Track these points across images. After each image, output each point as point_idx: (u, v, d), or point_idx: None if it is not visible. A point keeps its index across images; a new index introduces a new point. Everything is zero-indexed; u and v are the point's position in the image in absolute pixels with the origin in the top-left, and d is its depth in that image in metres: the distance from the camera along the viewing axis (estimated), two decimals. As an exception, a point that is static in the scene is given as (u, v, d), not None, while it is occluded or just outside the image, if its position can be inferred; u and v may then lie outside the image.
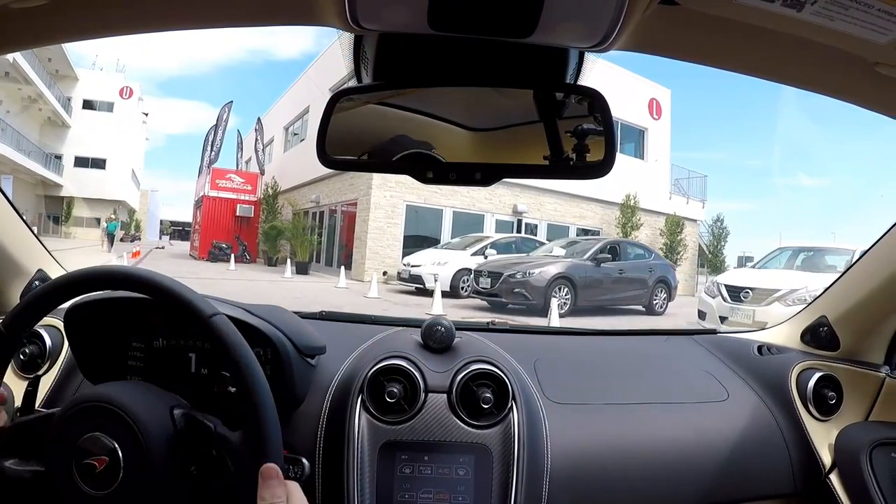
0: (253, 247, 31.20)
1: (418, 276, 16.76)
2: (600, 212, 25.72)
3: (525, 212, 23.44)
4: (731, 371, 1.74)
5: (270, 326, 1.30)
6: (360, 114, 1.02)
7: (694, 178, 30.32)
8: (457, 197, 22.05)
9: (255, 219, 32.19)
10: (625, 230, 24.88)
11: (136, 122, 54.85)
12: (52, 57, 45.68)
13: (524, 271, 13.44)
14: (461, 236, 20.23)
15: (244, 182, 33.81)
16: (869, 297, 1.62)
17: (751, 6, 0.70)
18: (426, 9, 0.76)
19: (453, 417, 1.32)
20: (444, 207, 22.28)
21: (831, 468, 1.55)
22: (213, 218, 32.57)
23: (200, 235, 33.35)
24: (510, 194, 23.05)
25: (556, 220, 24.67)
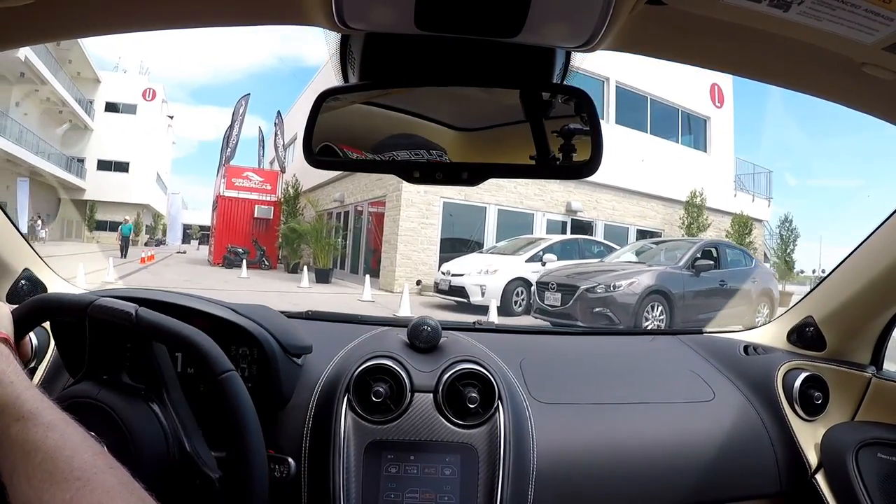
0: (272, 251, 28.51)
1: (461, 287, 13.83)
2: (662, 211, 22.76)
3: (580, 210, 20.62)
4: (718, 371, 1.75)
5: (257, 326, 1.30)
6: (347, 113, 1.02)
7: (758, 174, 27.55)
8: (502, 193, 19.15)
9: (275, 221, 29.51)
10: (690, 231, 21.94)
11: (160, 125, 54.48)
12: (73, 59, 45.56)
13: (607, 283, 10.35)
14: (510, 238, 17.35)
15: (263, 181, 31.14)
16: (855, 297, 1.63)
17: (738, 6, 0.71)
18: (413, 9, 0.76)
19: (439, 417, 1.32)
20: (487, 205, 19.31)
21: (817, 468, 1.56)
22: (228, 220, 29.78)
23: (215, 239, 30.49)
24: (563, 190, 20.31)
25: (615, 219, 21.67)
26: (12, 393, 0.81)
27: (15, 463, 0.76)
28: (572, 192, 20.36)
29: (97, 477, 0.75)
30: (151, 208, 58.16)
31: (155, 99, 53.98)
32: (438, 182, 0.98)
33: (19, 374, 0.85)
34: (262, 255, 27.33)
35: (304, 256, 25.60)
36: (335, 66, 1.03)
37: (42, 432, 0.77)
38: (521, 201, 19.71)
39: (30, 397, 0.81)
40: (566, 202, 20.37)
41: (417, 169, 0.99)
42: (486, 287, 13.30)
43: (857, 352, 1.70)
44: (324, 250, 22.48)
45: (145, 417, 1.03)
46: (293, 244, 25.45)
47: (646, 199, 22.20)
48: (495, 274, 13.64)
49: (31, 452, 0.75)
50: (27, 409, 0.79)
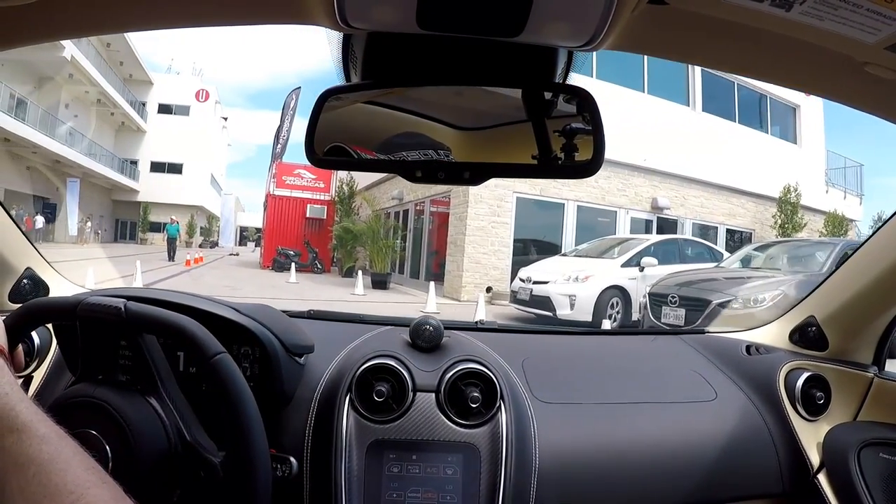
0: (325, 254, 26.90)
1: (545, 298, 11.66)
2: (752, 208, 20.73)
3: (667, 207, 18.54)
4: (720, 371, 1.75)
5: (259, 325, 1.31)
6: (350, 113, 1.02)
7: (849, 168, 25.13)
8: (582, 188, 17.14)
9: (329, 221, 27.85)
10: (784, 232, 19.94)
11: (214, 127, 54.78)
12: (125, 61, 45.96)
13: (746, 297, 8.31)
14: (596, 240, 15.12)
15: (316, 178, 29.50)
16: (857, 297, 1.63)
17: (739, 6, 0.71)
18: (415, 8, 0.76)
19: (441, 416, 1.32)
20: (565, 201, 17.29)
21: (819, 468, 1.56)
22: (278, 220, 28.40)
23: (264, 241, 29.44)
24: (647, 184, 18.41)
25: (703, 217, 19.64)
26: (6, 405, 0.80)
27: (8, 475, 0.75)
28: (658, 186, 18.50)
29: (90, 491, 0.75)
30: (206, 210, 58.43)
31: (208, 100, 54.14)
32: (440, 181, 0.98)
33: (13, 386, 0.84)
34: (314, 258, 25.93)
35: (359, 259, 23.94)
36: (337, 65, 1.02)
37: (36, 445, 0.77)
38: (602, 197, 17.82)
39: (24, 409, 0.81)
40: (652, 198, 18.46)
41: (419, 168, 0.98)
42: (577, 298, 11.30)
43: (860, 352, 1.70)
44: (380, 253, 20.80)
45: (144, 412, 1.03)
46: (347, 246, 23.96)
47: (735, 196, 20.25)
48: (587, 282, 11.54)
49: (24, 465, 0.76)
50: (21, 421, 0.79)
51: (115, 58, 44.50)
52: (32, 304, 1.10)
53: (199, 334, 1.03)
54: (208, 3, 0.89)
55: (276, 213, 28.37)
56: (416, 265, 21.06)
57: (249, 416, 1.00)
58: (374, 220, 22.53)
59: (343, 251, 24.35)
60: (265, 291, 15.42)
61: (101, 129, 45.22)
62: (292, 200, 28.70)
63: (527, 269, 12.85)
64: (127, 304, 1.04)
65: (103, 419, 0.98)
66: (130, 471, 0.95)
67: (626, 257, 12.28)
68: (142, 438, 0.99)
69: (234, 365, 1.03)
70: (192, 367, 1.31)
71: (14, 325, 1.03)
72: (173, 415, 1.06)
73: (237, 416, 0.99)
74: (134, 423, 0.99)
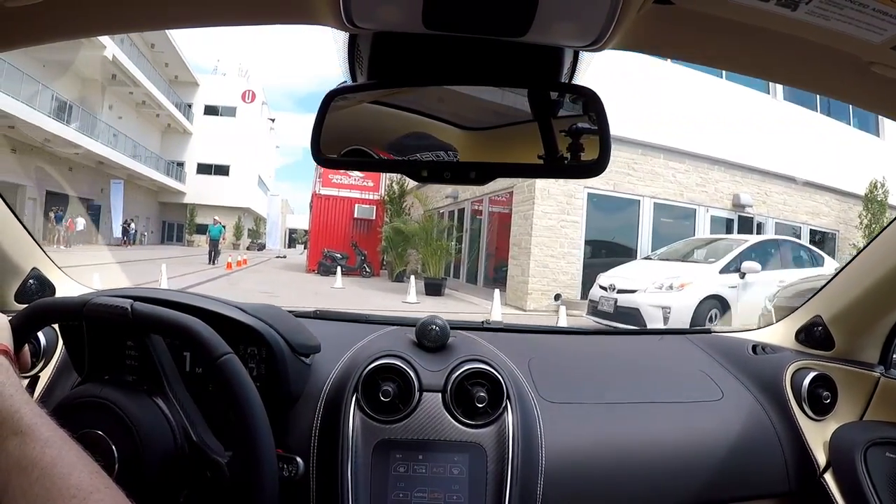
0: (374, 256, 25.53)
1: (632, 309, 9.95)
2: (837, 207, 18.85)
3: (749, 205, 16.79)
4: (726, 370, 1.75)
5: (265, 325, 1.31)
6: (355, 113, 1.03)
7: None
8: (659, 182, 15.69)
9: (378, 222, 26.37)
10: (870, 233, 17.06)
11: (261, 128, 55.00)
12: (169, 62, 46.45)
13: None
14: (682, 241, 13.55)
15: (364, 177, 28.38)
16: (864, 296, 1.63)
17: (745, 5, 0.71)
18: (421, 8, 0.77)
19: (448, 416, 1.33)
20: (640, 197, 15.62)
21: (826, 468, 1.56)
22: (324, 221, 26.94)
23: (310, 243, 27.88)
24: (728, 179, 16.74)
25: (786, 216, 17.77)
26: (11, 406, 0.81)
27: (10, 478, 0.76)
28: (739, 181, 16.84)
29: (93, 495, 0.75)
30: (253, 212, 58.48)
31: (255, 101, 54.15)
32: (446, 181, 0.99)
33: (18, 388, 0.85)
34: (362, 261, 24.61)
35: (410, 262, 22.68)
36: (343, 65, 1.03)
37: (39, 448, 0.78)
38: (681, 193, 16.12)
39: (28, 412, 0.82)
40: (733, 195, 16.75)
41: (425, 168, 0.99)
42: (672, 309, 9.66)
43: (866, 351, 1.70)
44: (434, 255, 19.20)
45: (150, 412, 1.03)
46: (398, 248, 22.52)
47: (819, 192, 18.38)
48: (682, 291, 9.90)
49: (27, 468, 0.76)
50: (25, 424, 0.79)
51: (160, 59, 44.78)
52: (38, 304, 1.09)
53: (206, 335, 1.03)
54: (214, 3, 0.89)
55: (322, 214, 27.10)
56: (473, 269, 19.72)
57: (256, 417, 1.00)
58: (428, 221, 21.08)
59: (393, 254, 22.88)
60: (306, 299, 13.90)
61: (147, 131, 45.54)
62: (339, 200, 27.44)
63: (608, 276, 11.16)
64: (133, 304, 1.03)
65: (110, 419, 0.98)
66: (137, 471, 0.96)
67: (724, 261, 10.64)
68: (148, 439, 0.99)
69: (241, 365, 1.03)
70: (198, 368, 1.30)
71: (20, 326, 1.02)
72: (180, 415, 1.06)
73: (244, 417, 0.99)
74: (141, 423, 0.99)
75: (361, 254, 24.51)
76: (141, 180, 42.09)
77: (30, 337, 1.11)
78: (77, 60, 31.76)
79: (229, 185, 52.72)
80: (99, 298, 1.05)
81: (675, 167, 15.78)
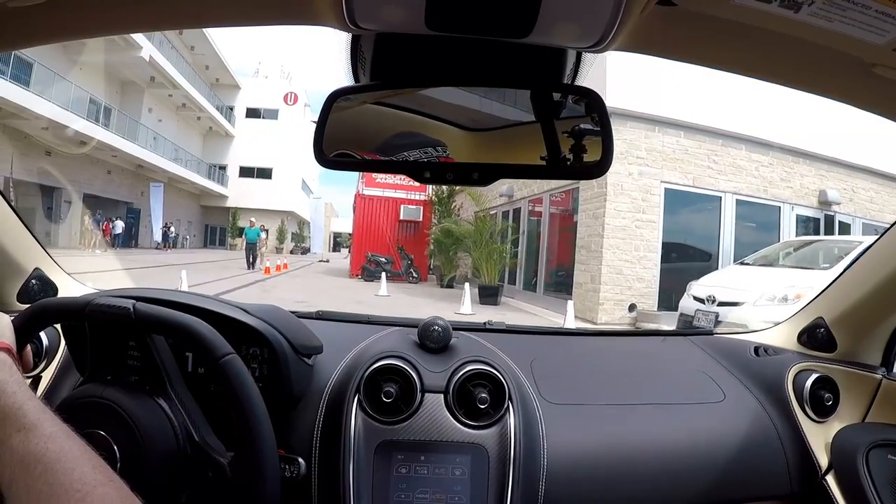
0: (421, 260, 24.22)
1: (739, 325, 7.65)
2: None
3: (837, 202, 14.72)
4: (728, 372, 1.76)
5: (267, 326, 1.32)
6: (358, 113, 1.03)
7: None
8: (741, 176, 13.81)
9: (425, 223, 24.89)
10: None
11: (304, 130, 54.06)
12: (210, 65, 46.65)
13: None
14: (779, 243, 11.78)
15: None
16: (866, 298, 1.63)
17: (748, 7, 0.72)
18: (423, 9, 0.77)
19: (450, 417, 1.33)
20: (722, 193, 13.72)
21: (828, 469, 1.56)
22: (368, 223, 25.70)
23: (353, 246, 26.44)
24: (813, 174, 14.73)
25: (873, 216, 15.41)
26: (14, 403, 0.81)
27: (14, 474, 0.76)
28: (825, 176, 14.82)
29: (96, 490, 0.75)
30: (297, 215, 58.34)
31: (297, 103, 54.03)
32: (449, 182, 0.99)
33: (21, 385, 0.86)
34: (408, 266, 23.14)
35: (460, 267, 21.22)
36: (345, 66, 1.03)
37: (43, 444, 0.78)
38: (765, 189, 14.17)
39: (32, 408, 0.82)
40: (819, 191, 14.72)
41: (428, 169, 0.99)
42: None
43: (868, 353, 1.70)
44: (490, 259, 17.38)
45: (152, 412, 1.03)
46: (448, 251, 20.88)
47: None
48: (798, 303, 8.00)
49: (31, 464, 0.76)
50: (29, 420, 0.80)
51: (200, 62, 44.95)
52: (41, 304, 1.09)
53: (208, 335, 1.03)
54: (217, 3, 0.89)
55: (366, 215, 25.87)
56: (531, 275, 17.59)
57: (258, 418, 1.00)
58: (483, 221, 19.05)
59: (442, 258, 21.41)
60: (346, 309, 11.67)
61: (188, 134, 45.75)
62: (383, 200, 26.08)
63: (704, 285, 9.52)
64: (136, 304, 1.04)
65: (112, 420, 0.99)
66: (139, 471, 0.96)
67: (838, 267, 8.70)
68: (150, 439, 0.99)
69: (243, 366, 1.03)
70: (200, 368, 1.30)
71: (23, 326, 1.03)
72: (182, 415, 1.06)
73: (246, 418, 0.99)
74: (143, 423, 0.99)
75: (407, 258, 23.22)
76: (182, 184, 43.12)
77: (32, 336, 1.10)
78: (114, 62, 31.67)
79: (272, 189, 52.57)
80: (101, 299, 1.04)
81: (759, 160, 14.02)
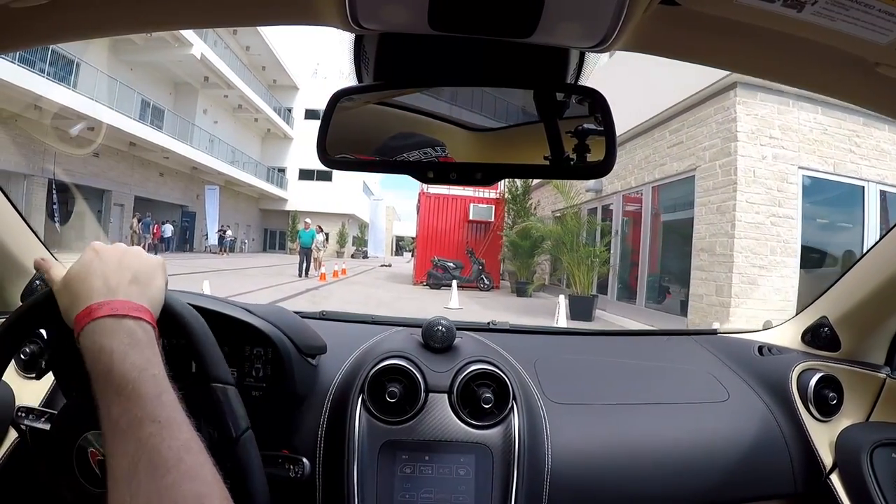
0: (493, 265, 21.87)
1: None
2: None
3: None
4: (732, 371, 1.76)
5: (271, 326, 1.31)
6: (361, 114, 1.03)
7: None
8: (886, 160, 10.81)
9: (497, 224, 22.68)
10: None
11: None
12: (266, 65, 45.93)
13: None
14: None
15: (480, 173, 24.47)
16: (870, 297, 1.63)
17: (751, 6, 0.71)
18: (426, 9, 0.77)
19: (454, 417, 1.33)
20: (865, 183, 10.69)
21: (832, 469, 1.56)
22: (433, 224, 23.53)
23: (417, 250, 24.30)
24: None
25: None
26: (153, 389, 0.77)
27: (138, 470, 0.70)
28: None
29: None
30: (357, 218, 57.79)
31: None
32: (452, 182, 0.99)
33: (162, 369, 0.81)
34: (479, 271, 20.90)
35: (537, 272, 19.06)
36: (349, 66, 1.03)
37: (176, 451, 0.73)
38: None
39: (168, 402, 0.78)
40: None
41: (431, 169, 0.99)
42: None
43: (872, 352, 1.70)
44: (582, 265, 14.64)
45: None
46: (528, 255, 18.67)
47: None
48: None
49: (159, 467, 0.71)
50: (164, 416, 0.75)
51: (256, 62, 44.38)
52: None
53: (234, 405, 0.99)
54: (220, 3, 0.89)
55: (431, 216, 23.67)
56: (628, 283, 14.77)
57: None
58: (574, 220, 15.74)
59: (518, 262, 19.25)
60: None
61: (246, 136, 45.54)
62: (450, 199, 23.90)
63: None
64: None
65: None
66: None
67: None
68: None
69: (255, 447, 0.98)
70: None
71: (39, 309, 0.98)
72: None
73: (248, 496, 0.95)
74: None
75: (478, 262, 21.05)
76: (240, 187, 43.04)
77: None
78: (166, 62, 31.47)
79: (332, 191, 51.78)
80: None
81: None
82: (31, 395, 1.36)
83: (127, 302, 0.84)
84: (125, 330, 0.80)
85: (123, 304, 0.83)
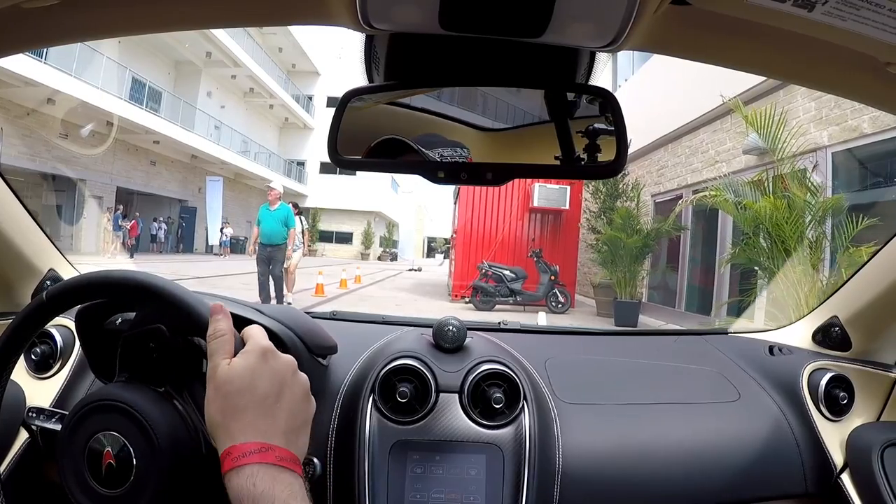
0: (569, 272, 16.00)
1: None
2: None
3: None
4: (742, 371, 1.75)
5: (282, 326, 1.31)
6: (372, 114, 1.04)
7: None
8: None
9: (574, 215, 16.41)
10: None
11: None
12: (284, 47, 43.11)
13: None
14: None
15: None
16: (881, 297, 1.62)
17: (762, 6, 0.72)
18: (437, 9, 0.78)
19: (465, 417, 1.34)
20: None
21: (843, 468, 1.56)
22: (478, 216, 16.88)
23: (455, 252, 17.47)
24: None
25: None
26: None
27: None
28: None
29: None
30: (384, 216, 55.57)
31: None
32: (463, 182, 0.99)
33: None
34: (551, 284, 14.61)
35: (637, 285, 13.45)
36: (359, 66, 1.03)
37: None
38: None
39: None
40: None
41: (442, 169, 0.99)
42: None
43: (883, 352, 1.69)
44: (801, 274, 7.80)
45: (168, 414, 1.02)
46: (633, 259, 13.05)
47: None
48: None
49: None
50: None
51: (272, 43, 41.81)
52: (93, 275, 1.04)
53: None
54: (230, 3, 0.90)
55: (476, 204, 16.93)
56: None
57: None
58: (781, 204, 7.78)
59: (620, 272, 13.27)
60: None
61: (260, 125, 43.22)
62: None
63: None
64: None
65: (127, 421, 0.98)
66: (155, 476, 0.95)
67: None
68: (166, 441, 0.98)
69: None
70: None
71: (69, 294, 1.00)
72: (197, 417, 1.05)
73: None
74: (158, 425, 0.98)
75: (549, 270, 14.65)
76: (252, 180, 39.51)
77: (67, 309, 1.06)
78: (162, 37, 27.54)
79: (357, 186, 47.04)
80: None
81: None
82: (41, 396, 1.36)
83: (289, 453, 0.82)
84: (286, 479, 0.78)
85: (289, 455, 0.82)
